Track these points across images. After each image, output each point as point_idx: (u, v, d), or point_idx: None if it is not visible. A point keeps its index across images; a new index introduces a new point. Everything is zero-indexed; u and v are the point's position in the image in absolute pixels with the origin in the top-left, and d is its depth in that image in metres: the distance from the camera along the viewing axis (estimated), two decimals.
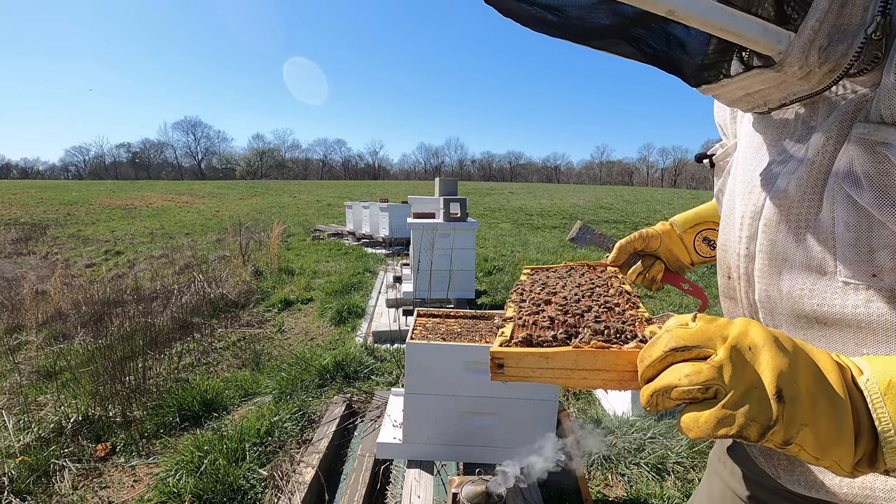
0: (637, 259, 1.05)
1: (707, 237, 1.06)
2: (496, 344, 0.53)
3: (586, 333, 0.52)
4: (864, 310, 0.48)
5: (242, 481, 2.12)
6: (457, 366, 2.00)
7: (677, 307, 5.00)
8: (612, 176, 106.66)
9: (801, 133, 0.57)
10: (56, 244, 10.73)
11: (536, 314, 0.64)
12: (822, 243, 0.51)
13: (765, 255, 0.58)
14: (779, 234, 0.57)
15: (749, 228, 0.61)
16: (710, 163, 0.78)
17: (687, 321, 0.43)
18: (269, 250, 7.37)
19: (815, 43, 0.47)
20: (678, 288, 1.09)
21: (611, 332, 0.52)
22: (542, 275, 0.93)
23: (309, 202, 23.68)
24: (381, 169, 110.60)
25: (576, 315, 0.61)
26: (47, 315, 4.83)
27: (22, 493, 2.13)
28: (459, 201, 4.87)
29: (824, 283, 0.52)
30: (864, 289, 0.48)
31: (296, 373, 3.20)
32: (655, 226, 1.10)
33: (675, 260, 1.07)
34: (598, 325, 0.53)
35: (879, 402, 0.38)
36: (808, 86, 0.52)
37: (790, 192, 0.55)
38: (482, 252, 8.17)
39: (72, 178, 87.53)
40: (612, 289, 0.75)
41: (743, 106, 0.61)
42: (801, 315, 0.55)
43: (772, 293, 0.58)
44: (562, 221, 14.57)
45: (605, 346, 0.48)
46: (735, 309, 0.67)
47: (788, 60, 0.48)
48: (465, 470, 2.05)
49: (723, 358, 0.39)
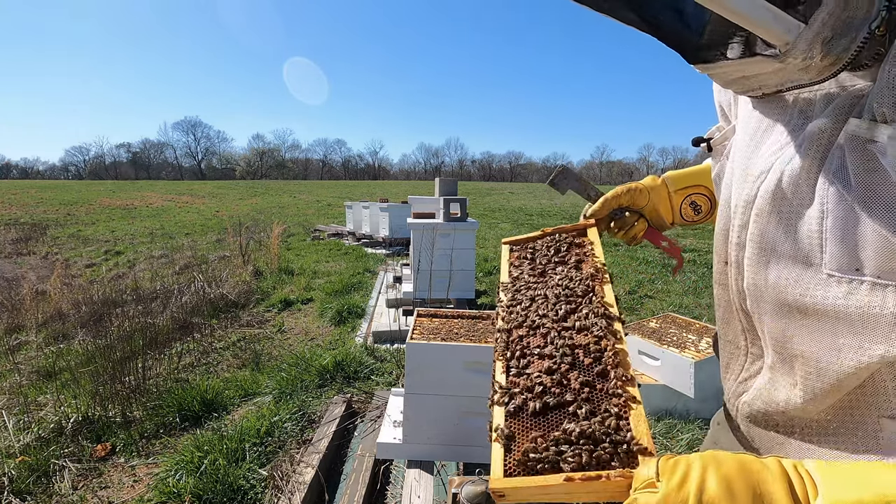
0: (619, 213, 1.02)
1: (695, 202, 1.04)
2: (495, 467, 0.59)
3: (576, 460, 0.56)
4: (843, 301, 0.49)
5: (242, 481, 2.12)
6: (457, 366, 2.00)
7: (677, 307, 5.01)
8: (613, 176, 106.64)
9: (797, 123, 0.57)
10: (56, 244, 10.74)
11: (525, 376, 0.69)
12: (809, 236, 0.52)
13: (755, 244, 0.59)
14: (769, 224, 0.57)
15: (742, 217, 0.61)
16: (708, 146, 0.77)
17: (653, 479, 0.47)
18: (269, 250, 7.37)
19: (821, 35, 0.46)
20: (656, 245, 1.07)
21: (601, 454, 0.56)
22: (525, 268, 0.93)
23: (309, 202, 23.69)
24: (381, 169, 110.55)
25: (562, 384, 0.66)
26: (47, 315, 4.83)
27: (22, 493, 2.13)
28: (459, 201, 4.87)
29: (809, 275, 0.53)
30: (847, 282, 0.49)
31: (296, 373, 3.19)
32: (644, 180, 1.06)
33: (657, 218, 1.05)
34: (587, 447, 0.57)
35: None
36: (807, 77, 0.51)
37: (783, 184, 0.55)
38: (482, 252, 8.17)
39: (72, 178, 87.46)
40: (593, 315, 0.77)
41: (738, 88, 0.61)
42: (785, 304, 0.56)
43: (759, 282, 0.59)
44: (562, 222, 14.57)
45: (594, 477, 0.53)
46: (725, 295, 0.68)
47: (793, 52, 0.48)
48: (465, 470, 2.05)
49: None
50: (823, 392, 0.54)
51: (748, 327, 0.65)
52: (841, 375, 0.51)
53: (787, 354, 0.58)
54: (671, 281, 6.11)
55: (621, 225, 1.03)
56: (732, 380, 0.71)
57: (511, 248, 1.01)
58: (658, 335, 2.88)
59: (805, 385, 0.56)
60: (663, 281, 6.17)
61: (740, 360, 0.68)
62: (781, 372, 0.60)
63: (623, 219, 1.02)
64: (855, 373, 0.50)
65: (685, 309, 5.00)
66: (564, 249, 0.93)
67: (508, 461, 0.60)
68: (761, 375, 0.65)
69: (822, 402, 0.55)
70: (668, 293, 5.64)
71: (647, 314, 4.84)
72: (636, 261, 7.35)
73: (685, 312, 4.80)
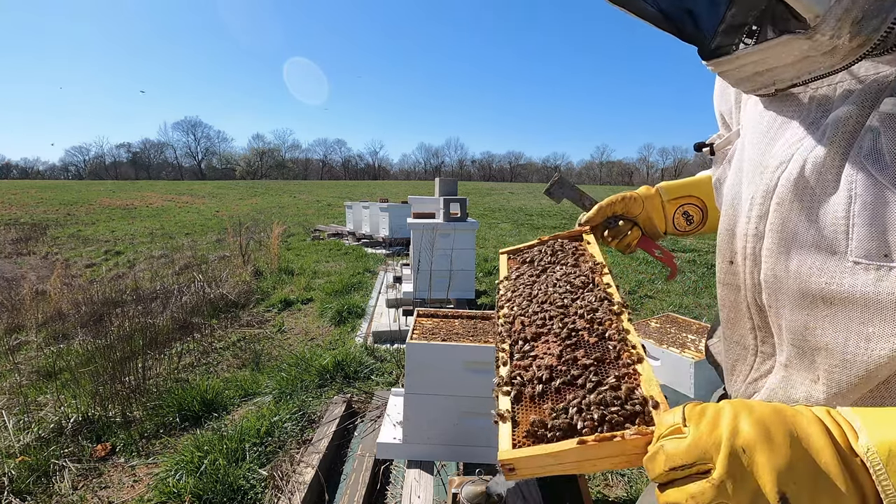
0: (613, 221, 1.05)
1: (687, 212, 1.06)
2: (502, 442, 0.56)
3: (588, 424, 0.54)
4: (872, 288, 0.48)
5: (242, 481, 2.12)
6: (457, 366, 2.00)
7: (677, 307, 5.01)
8: (612, 176, 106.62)
9: (815, 116, 0.57)
10: (56, 244, 10.74)
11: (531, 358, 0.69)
12: (834, 223, 0.51)
13: (775, 233, 0.58)
14: (791, 212, 0.56)
15: (759, 208, 0.60)
16: (711, 151, 0.77)
17: (679, 425, 0.44)
18: (269, 250, 7.37)
19: (851, 13, 0.46)
20: (650, 254, 1.09)
21: (612, 417, 0.54)
22: (524, 269, 0.95)
23: (309, 202, 23.69)
24: (381, 169, 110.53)
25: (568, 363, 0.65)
26: (47, 315, 4.83)
27: (22, 493, 2.13)
28: (459, 201, 4.87)
29: (834, 263, 0.51)
30: (875, 269, 0.48)
31: (296, 373, 3.19)
32: (639, 189, 1.08)
33: (651, 227, 1.07)
34: (598, 410, 0.55)
35: (883, 474, 0.38)
36: (830, 62, 0.51)
37: (806, 172, 0.54)
38: (482, 252, 8.17)
39: (72, 178, 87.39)
40: (595, 300, 0.76)
41: (748, 87, 0.60)
42: (808, 294, 0.54)
43: (779, 272, 0.58)
44: (562, 222, 14.57)
45: (608, 438, 0.50)
46: (731, 295, 0.67)
47: (822, 28, 0.47)
48: (465, 470, 2.05)
49: (722, 474, 0.40)
50: (850, 385, 0.52)
51: (760, 324, 0.64)
52: (871, 366, 0.49)
53: (808, 348, 0.56)
54: (671, 281, 6.11)
55: (616, 233, 1.05)
56: (740, 381, 0.69)
57: (509, 256, 1.03)
58: (658, 335, 2.88)
59: (829, 379, 0.54)
60: (663, 281, 6.17)
61: (749, 361, 0.67)
62: (799, 368, 0.58)
63: (617, 227, 1.05)
64: (888, 363, 0.48)
65: (685, 309, 5.00)
66: (562, 251, 0.95)
67: (516, 434, 0.57)
68: (774, 374, 0.63)
69: (848, 396, 0.53)
70: (668, 293, 5.64)
71: (647, 314, 4.84)
72: (636, 261, 7.35)
73: (685, 312, 4.80)
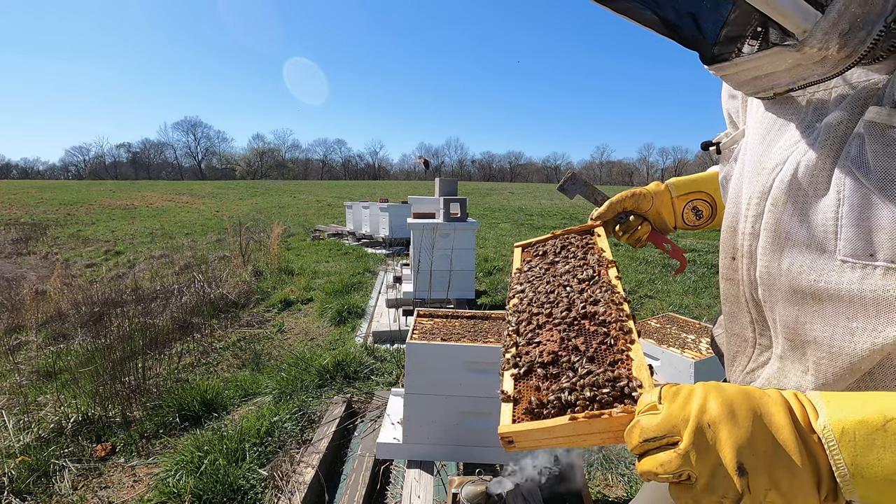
0: (624, 217, 1.08)
1: (696, 206, 1.09)
2: (504, 417, 0.63)
3: (580, 402, 0.60)
4: (858, 286, 0.51)
5: (242, 481, 2.12)
6: (457, 366, 2.00)
7: (677, 307, 5.01)
8: (613, 176, 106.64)
9: (811, 119, 0.59)
10: (56, 244, 10.73)
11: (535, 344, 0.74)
12: (825, 223, 0.54)
13: (769, 232, 0.61)
14: (784, 213, 0.59)
15: (756, 208, 0.63)
16: (717, 149, 0.80)
17: (655, 402, 0.49)
18: (269, 250, 7.37)
19: (838, 27, 0.48)
20: (660, 248, 1.12)
21: (603, 397, 0.59)
22: (535, 261, 1.00)
23: (309, 202, 23.69)
24: (381, 169, 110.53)
25: (569, 349, 0.71)
26: (47, 315, 4.83)
27: (22, 493, 2.13)
28: (459, 201, 4.87)
29: (823, 261, 0.54)
30: (861, 267, 0.51)
31: (296, 373, 3.19)
32: (649, 185, 1.12)
33: (661, 222, 1.11)
34: (590, 391, 0.61)
35: (836, 449, 0.42)
36: (821, 71, 0.53)
37: (799, 174, 0.57)
38: (482, 252, 8.17)
39: (72, 179, 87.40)
40: (599, 291, 0.81)
41: (749, 90, 0.63)
42: (798, 290, 0.57)
43: (772, 269, 0.61)
44: (561, 222, 14.57)
45: (597, 415, 0.55)
46: (732, 289, 0.70)
47: (810, 41, 0.49)
48: (465, 470, 2.05)
49: (687, 445, 0.45)
50: (836, 376, 0.55)
51: (757, 318, 0.67)
52: (854, 358, 0.52)
53: (800, 341, 0.59)
54: (671, 281, 6.12)
55: (626, 228, 1.09)
56: (739, 371, 0.73)
57: (523, 249, 1.08)
58: (658, 335, 2.88)
59: (817, 370, 0.57)
60: (663, 281, 6.17)
61: (748, 352, 0.70)
62: (792, 360, 0.62)
63: (628, 222, 1.08)
64: (868, 355, 0.51)
65: (685, 309, 5.00)
66: (572, 245, 1.00)
67: (516, 411, 0.64)
68: (769, 365, 0.66)
69: (835, 387, 0.56)
70: (668, 293, 5.64)
71: (647, 314, 4.85)
72: (636, 261, 7.35)
73: (685, 312, 4.80)
